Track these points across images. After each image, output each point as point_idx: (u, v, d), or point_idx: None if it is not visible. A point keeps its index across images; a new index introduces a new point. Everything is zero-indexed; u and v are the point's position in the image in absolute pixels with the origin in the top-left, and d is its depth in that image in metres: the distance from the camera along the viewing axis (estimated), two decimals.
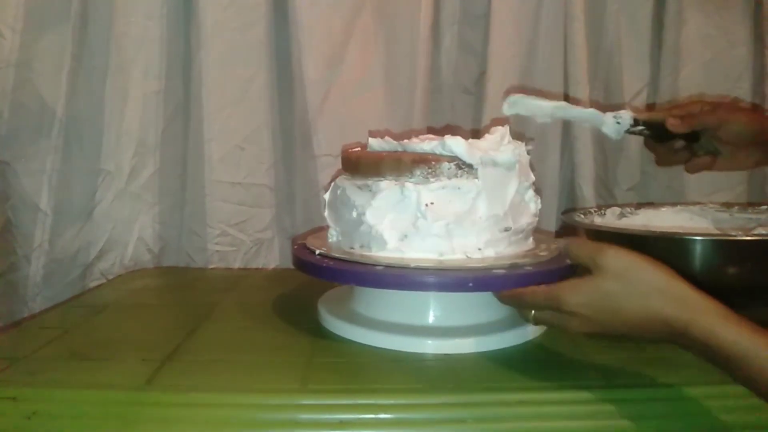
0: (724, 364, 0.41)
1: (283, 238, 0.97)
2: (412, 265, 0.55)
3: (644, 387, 0.48)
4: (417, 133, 0.68)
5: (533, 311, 0.51)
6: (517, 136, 0.65)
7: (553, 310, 0.49)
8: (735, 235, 0.68)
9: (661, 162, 0.75)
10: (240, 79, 0.91)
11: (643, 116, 0.71)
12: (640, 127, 0.71)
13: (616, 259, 0.46)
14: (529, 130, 0.98)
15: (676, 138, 0.71)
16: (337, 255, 0.59)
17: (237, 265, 0.94)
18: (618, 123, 0.70)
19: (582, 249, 0.49)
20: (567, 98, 0.96)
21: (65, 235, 0.88)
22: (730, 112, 0.69)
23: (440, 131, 0.89)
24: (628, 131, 0.71)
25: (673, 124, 0.69)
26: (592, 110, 0.71)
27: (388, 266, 0.55)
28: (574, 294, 0.47)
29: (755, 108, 0.74)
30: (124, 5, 0.88)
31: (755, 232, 0.76)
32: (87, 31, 0.86)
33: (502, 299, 0.54)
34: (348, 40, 0.93)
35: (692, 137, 0.71)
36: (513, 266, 0.55)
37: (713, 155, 0.71)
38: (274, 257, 0.97)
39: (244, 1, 0.90)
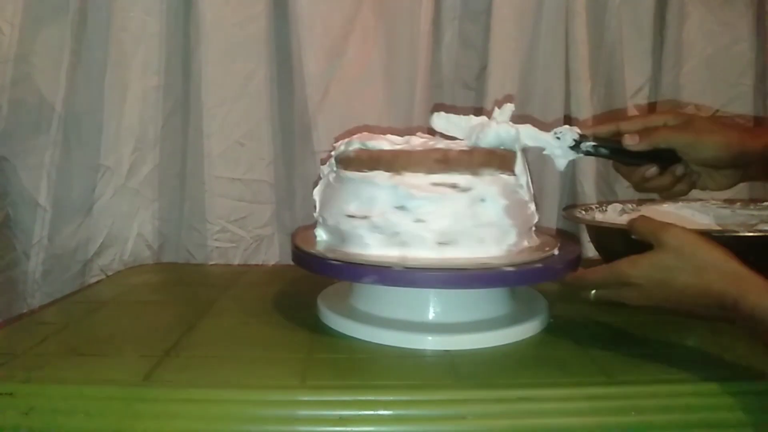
0: None
1: (283, 234, 0.97)
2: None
3: (644, 384, 0.48)
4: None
5: (593, 291, 0.54)
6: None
7: (614, 284, 0.52)
8: (737, 232, 0.67)
9: (636, 187, 0.65)
10: (240, 75, 0.91)
11: (591, 130, 0.63)
12: (591, 143, 0.61)
13: (676, 236, 0.50)
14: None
15: (642, 158, 0.61)
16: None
17: (237, 261, 0.94)
18: (558, 138, 0.61)
19: (646, 225, 0.53)
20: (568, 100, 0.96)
21: (64, 231, 0.88)
22: (702, 133, 0.59)
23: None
24: (578, 150, 0.62)
25: (629, 142, 0.60)
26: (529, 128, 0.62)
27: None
28: (635, 267, 0.51)
29: (736, 124, 0.65)
30: (123, 0, 0.87)
31: (757, 228, 0.76)
32: (86, 26, 0.86)
33: (566, 283, 0.57)
34: (348, 35, 0.92)
35: (666, 158, 0.61)
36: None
37: (691, 180, 0.63)
38: (274, 253, 0.96)
39: None
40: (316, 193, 0.65)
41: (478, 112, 0.96)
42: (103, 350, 0.55)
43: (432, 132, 0.69)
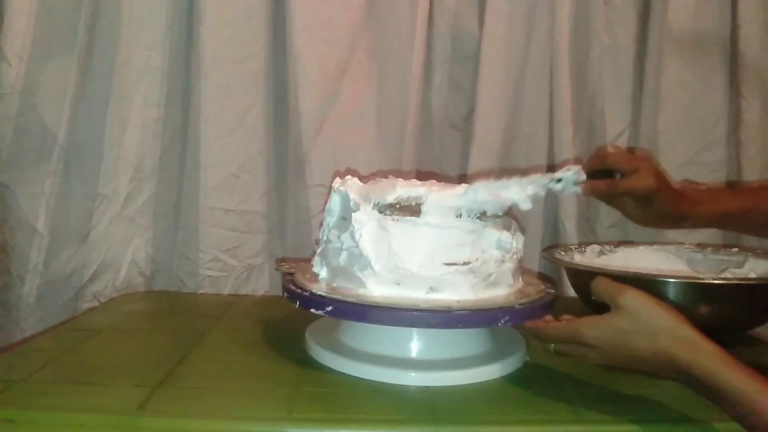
0: (720, 402, 0.46)
1: (274, 265, 0.99)
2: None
3: (611, 423, 0.51)
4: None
5: (552, 344, 0.56)
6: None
7: (573, 343, 0.54)
8: (704, 278, 0.71)
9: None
10: (237, 109, 0.94)
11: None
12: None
13: (633, 299, 0.52)
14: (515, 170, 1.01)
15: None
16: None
17: (227, 290, 0.96)
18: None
19: (604, 287, 0.55)
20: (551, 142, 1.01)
21: (60, 257, 0.90)
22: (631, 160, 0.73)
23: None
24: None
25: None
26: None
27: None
28: (592, 328, 0.53)
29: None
30: (128, 36, 0.91)
31: (725, 273, 0.80)
32: (91, 60, 0.89)
33: (526, 331, 0.59)
34: (343, 75, 0.96)
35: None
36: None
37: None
38: (264, 283, 0.99)
39: (244, 34, 0.93)
40: (368, 245, 0.59)
41: (465, 152, 1.01)
42: (99, 379, 0.57)
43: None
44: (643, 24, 1.02)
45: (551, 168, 1.01)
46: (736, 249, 0.84)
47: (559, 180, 0.66)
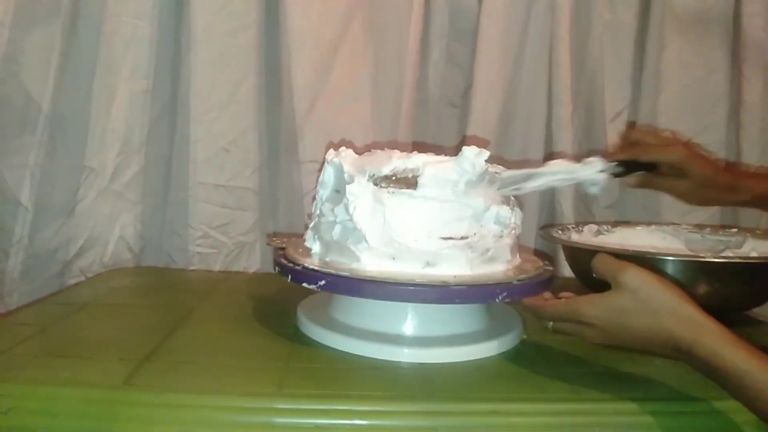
0: (723, 382, 0.45)
1: (265, 242, 0.97)
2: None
3: (608, 401, 0.50)
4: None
5: (551, 322, 0.55)
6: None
7: (571, 321, 0.53)
8: (703, 257, 0.70)
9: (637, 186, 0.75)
10: (228, 83, 0.92)
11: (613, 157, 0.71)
12: (614, 164, 0.69)
13: (634, 277, 0.50)
14: (512, 148, 1.00)
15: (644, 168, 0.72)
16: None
17: (217, 267, 0.94)
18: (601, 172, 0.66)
19: (605, 265, 0.53)
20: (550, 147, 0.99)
21: (45, 231, 0.88)
22: (664, 150, 0.71)
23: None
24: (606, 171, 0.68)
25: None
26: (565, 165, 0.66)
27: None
28: (592, 307, 0.51)
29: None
30: (114, 4, 0.88)
31: (724, 254, 0.79)
32: (77, 28, 0.87)
33: (524, 308, 0.58)
34: (337, 49, 0.94)
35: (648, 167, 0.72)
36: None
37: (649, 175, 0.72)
38: (256, 260, 0.97)
39: (236, 5, 0.90)
40: (362, 219, 0.57)
41: (461, 129, 1.00)
42: (83, 353, 0.55)
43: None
44: (645, 2, 1.01)
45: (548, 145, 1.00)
46: (735, 230, 0.83)
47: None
